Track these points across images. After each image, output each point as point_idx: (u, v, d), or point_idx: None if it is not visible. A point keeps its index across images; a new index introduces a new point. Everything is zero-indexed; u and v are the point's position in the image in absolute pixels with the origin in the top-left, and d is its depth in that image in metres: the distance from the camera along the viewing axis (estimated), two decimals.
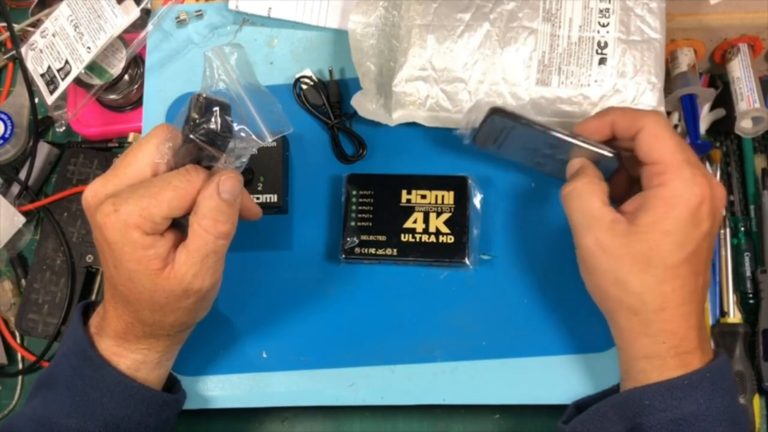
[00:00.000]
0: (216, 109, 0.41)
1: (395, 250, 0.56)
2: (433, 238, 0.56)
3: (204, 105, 0.41)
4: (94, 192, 0.44)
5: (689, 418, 0.42)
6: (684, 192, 0.43)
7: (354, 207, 0.57)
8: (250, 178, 0.57)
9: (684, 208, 0.42)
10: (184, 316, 0.46)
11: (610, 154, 0.49)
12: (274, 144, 0.58)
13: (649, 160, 0.45)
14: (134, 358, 0.48)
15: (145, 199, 0.42)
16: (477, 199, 0.57)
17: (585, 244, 0.45)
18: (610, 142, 0.50)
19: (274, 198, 0.57)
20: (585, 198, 0.46)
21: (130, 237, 0.42)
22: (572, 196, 0.47)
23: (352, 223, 0.57)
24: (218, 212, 0.42)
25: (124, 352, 0.47)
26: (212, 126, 0.41)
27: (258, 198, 0.57)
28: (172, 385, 0.53)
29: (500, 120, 0.51)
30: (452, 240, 0.56)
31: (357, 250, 0.57)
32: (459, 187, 0.57)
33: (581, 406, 0.50)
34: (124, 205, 0.42)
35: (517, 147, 0.53)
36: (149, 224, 0.42)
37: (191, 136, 0.41)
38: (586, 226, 0.45)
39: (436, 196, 0.57)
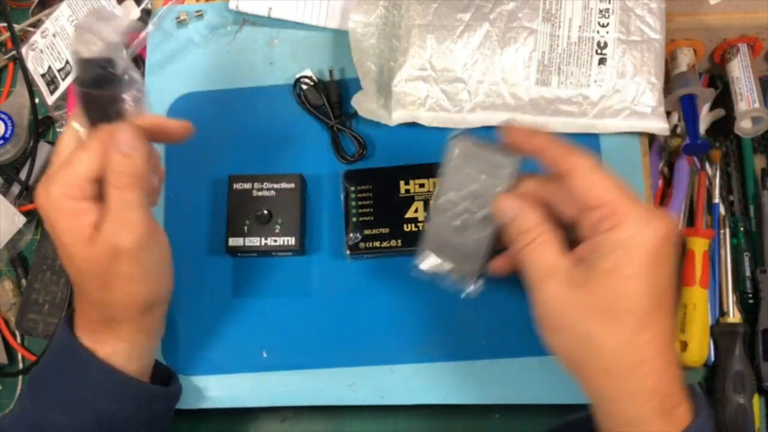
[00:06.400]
0: (96, 62, 0.45)
1: (399, 241, 0.56)
2: None
3: (85, 63, 0.45)
4: (38, 192, 0.45)
5: None
6: (643, 231, 0.38)
7: (354, 203, 0.57)
8: (267, 220, 0.57)
9: (645, 248, 0.38)
10: (129, 288, 0.45)
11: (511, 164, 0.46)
12: (293, 185, 0.58)
13: (592, 203, 0.40)
14: (106, 351, 0.47)
15: (63, 169, 0.44)
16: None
17: (543, 301, 0.41)
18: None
19: (291, 241, 0.57)
20: (538, 250, 0.41)
21: (63, 208, 0.43)
22: (527, 251, 0.42)
23: (354, 219, 0.57)
24: (115, 165, 0.43)
25: (97, 345, 0.47)
26: (94, 72, 0.44)
27: (276, 240, 0.57)
28: (169, 378, 0.53)
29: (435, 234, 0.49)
30: None
31: (361, 245, 0.56)
32: None
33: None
34: (51, 184, 0.44)
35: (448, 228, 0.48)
36: (75, 190, 0.43)
37: (81, 91, 0.44)
38: (541, 279, 0.41)
39: (434, 184, 0.57)
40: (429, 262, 0.50)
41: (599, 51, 0.56)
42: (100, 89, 0.45)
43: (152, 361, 0.51)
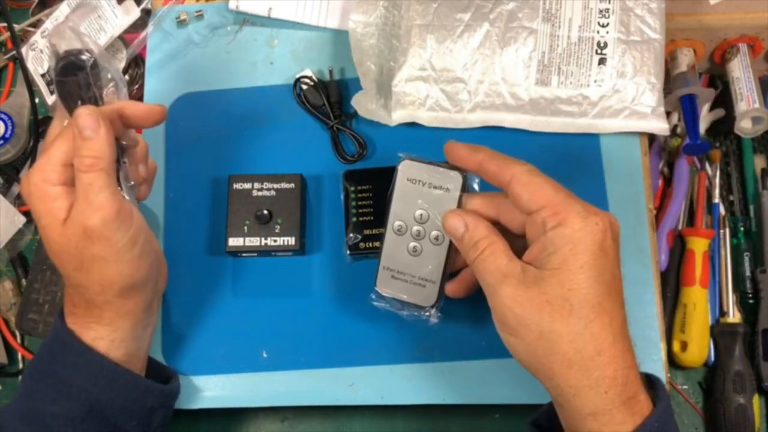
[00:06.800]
0: (69, 52, 0.47)
1: None
2: None
3: (58, 53, 0.47)
4: (22, 180, 0.47)
5: None
6: (585, 224, 0.41)
7: (354, 203, 0.57)
8: (267, 220, 0.57)
9: (590, 239, 0.41)
10: (102, 269, 0.45)
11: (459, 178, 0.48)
12: (293, 185, 0.58)
13: (535, 206, 0.42)
14: (91, 336, 0.47)
15: (43, 157, 0.45)
16: (476, 183, 0.57)
17: (500, 304, 0.42)
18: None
19: (291, 241, 0.57)
20: (490, 258, 0.43)
21: (40, 192, 0.45)
22: (480, 260, 0.44)
23: (354, 219, 0.57)
24: (77, 149, 0.44)
25: (82, 330, 0.47)
26: (66, 61, 0.46)
27: (276, 240, 0.57)
28: (169, 379, 0.53)
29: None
30: None
31: (361, 245, 0.56)
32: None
33: (537, 423, 0.49)
34: (32, 171, 0.45)
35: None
36: (52, 175, 0.45)
37: (56, 80, 0.46)
38: (496, 284, 0.42)
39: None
40: (388, 288, 0.51)
41: (599, 51, 0.56)
42: (74, 77, 0.46)
43: (141, 354, 0.51)
